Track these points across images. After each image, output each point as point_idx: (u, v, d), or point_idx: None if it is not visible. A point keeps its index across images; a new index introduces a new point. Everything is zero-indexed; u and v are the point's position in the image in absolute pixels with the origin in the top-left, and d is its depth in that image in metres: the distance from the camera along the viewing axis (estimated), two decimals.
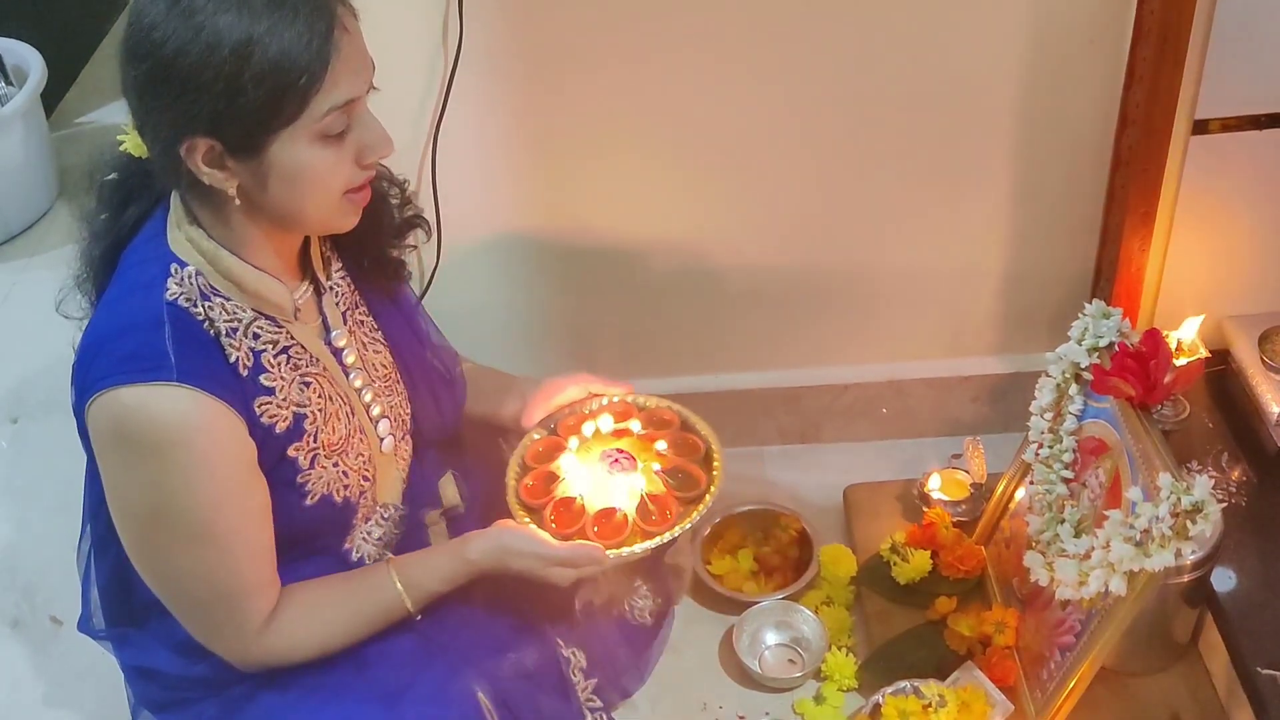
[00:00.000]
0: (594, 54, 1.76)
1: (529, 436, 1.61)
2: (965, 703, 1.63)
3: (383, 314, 1.55)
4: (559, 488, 1.53)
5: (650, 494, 1.50)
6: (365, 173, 1.30)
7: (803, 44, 1.76)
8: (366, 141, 1.28)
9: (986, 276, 2.01)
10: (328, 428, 1.40)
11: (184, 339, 1.27)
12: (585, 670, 1.59)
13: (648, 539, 1.46)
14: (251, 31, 1.16)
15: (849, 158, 1.87)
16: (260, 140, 1.21)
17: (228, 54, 1.16)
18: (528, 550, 1.44)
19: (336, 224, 1.34)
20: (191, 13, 1.16)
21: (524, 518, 1.50)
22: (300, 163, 1.23)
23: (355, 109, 1.26)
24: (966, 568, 1.82)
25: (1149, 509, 1.41)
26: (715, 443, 1.58)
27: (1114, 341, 1.59)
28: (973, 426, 2.10)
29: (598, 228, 1.94)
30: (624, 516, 1.48)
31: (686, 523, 1.48)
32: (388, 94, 1.31)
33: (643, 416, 1.62)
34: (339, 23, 1.21)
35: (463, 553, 1.45)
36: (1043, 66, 1.77)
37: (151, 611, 1.47)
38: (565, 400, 1.64)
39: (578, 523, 1.48)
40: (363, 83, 1.25)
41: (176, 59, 1.17)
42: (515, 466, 1.57)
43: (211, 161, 1.23)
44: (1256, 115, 1.78)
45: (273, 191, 1.25)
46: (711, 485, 1.52)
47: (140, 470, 1.27)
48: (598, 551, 1.44)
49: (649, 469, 1.53)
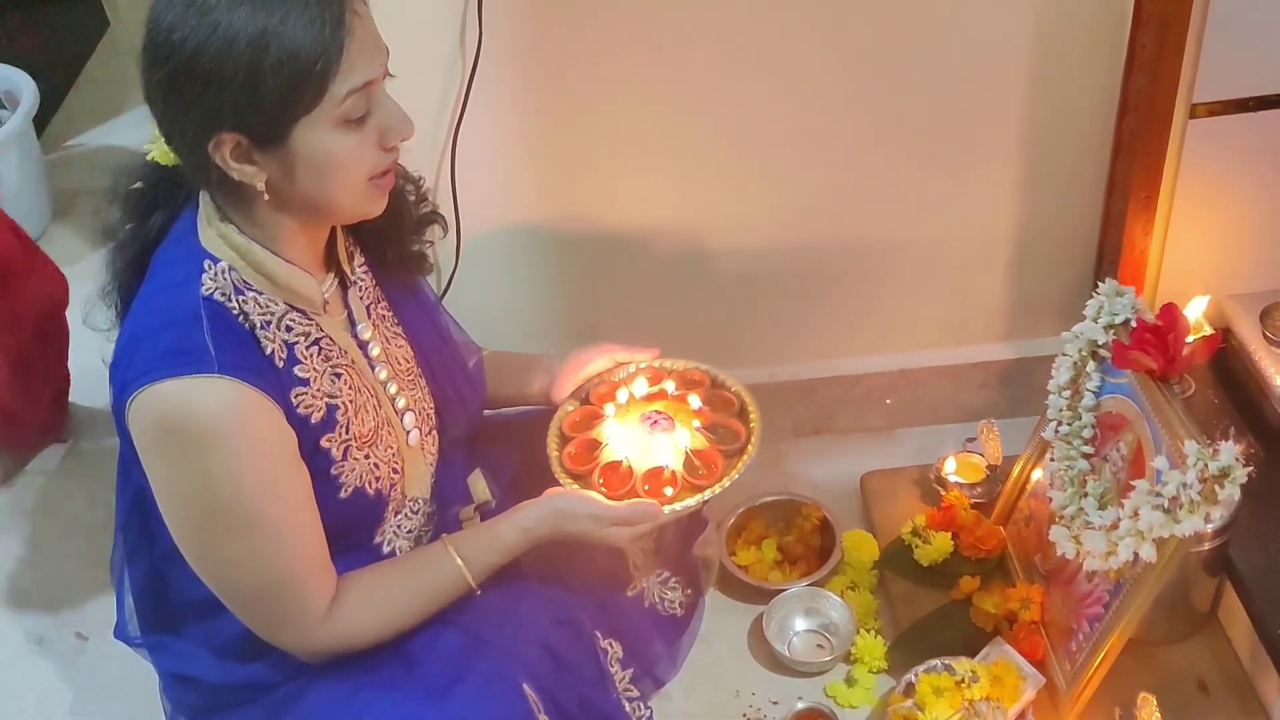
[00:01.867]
0: (611, 52, 1.79)
1: (563, 408, 1.61)
2: (997, 677, 1.66)
3: (404, 308, 1.57)
4: (603, 453, 1.53)
5: (694, 450, 1.52)
6: (389, 156, 1.32)
7: (812, 41, 1.80)
8: (388, 123, 1.30)
9: (993, 264, 2.05)
10: (358, 419, 1.41)
11: (221, 332, 1.28)
12: (622, 661, 1.61)
13: (698, 492, 1.48)
14: (266, 23, 1.19)
15: (858, 151, 1.91)
16: (284, 129, 1.23)
17: (245, 46, 1.19)
18: (583, 512, 1.45)
19: (364, 209, 1.35)
20: (206, 10, 1.19)
21: (571, 484, 1.50)
22: (325, 149, 1.26)
23: (373, 91, 1.27)
24: (987, 547, 1.86)
25: (1176, 476, 1.45)
26: (748, 397, 1.61)
27: (1129, 318, 1.63)
28: (982, 412, 2.14)
29: (615, 225, 1.97)
30: (672, 473, 1.49)
31: (735, 473, 1.49)
32: (407, 93, 1.33)
33: (674, 378, 1.63)
34: (349, 7, 1.23)
35: (517, 521, 1.47)
36: (1045, 54, 1.81)
37: (189, 617, 1.48)
38: (593, 371, 1.65)
39: (627, 483, 1.49)
40: (378, 65, 1.28)
41: (197, 56, 1.19)
42: (555, 438, 1.57)
43: (239, 156, 1.25)
44: (1252, 98, 1.83)
45: (301, 181, 1.27)
46: (752, 436, 1.54)
47: (187, 463, 1.28)
48: (653, 508, 1.46)
49: (689, 425, 1.54)
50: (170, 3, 1.21)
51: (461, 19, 1.73)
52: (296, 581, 1.36)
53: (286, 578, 1.35)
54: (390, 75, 1.30)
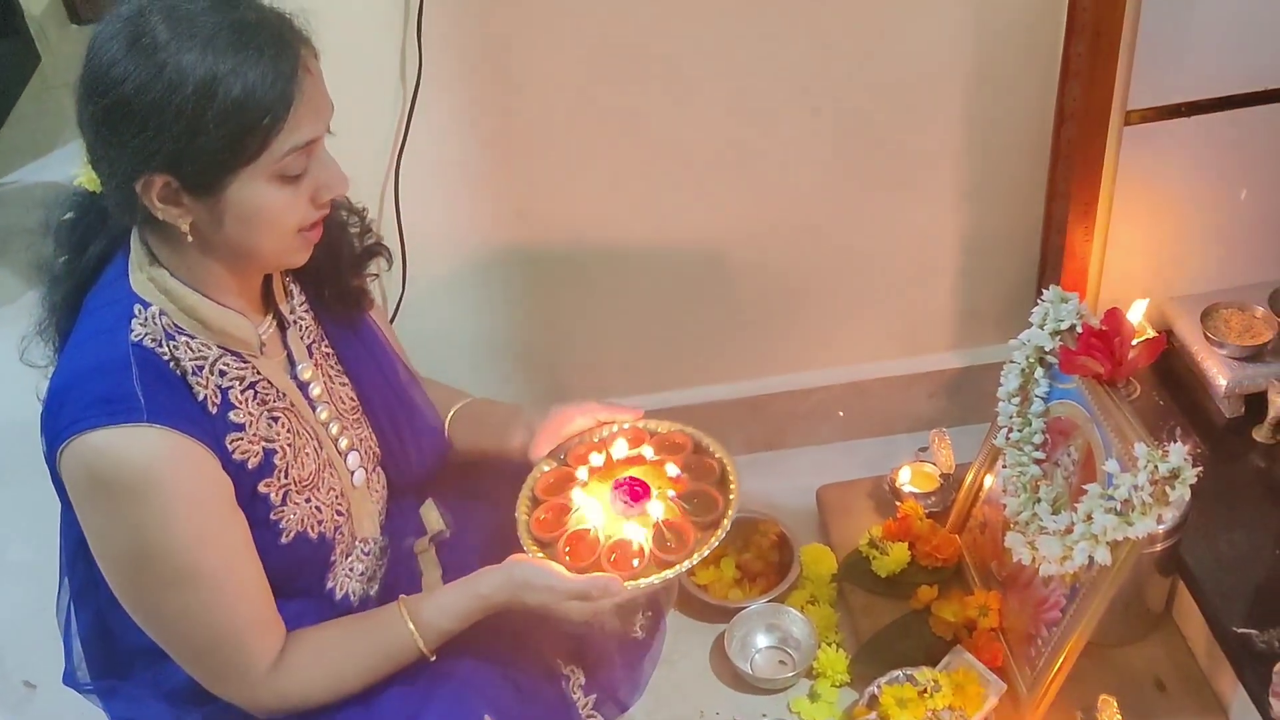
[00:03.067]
0: (553, 77, 1.79)
1: (538, 468, 1.56)
2: (959, 685, 1.67)
3: (345, 346, 1.53)
4: (572, 520, 1.48)
5: (666, 520, 1.46)
6: (320, 211, 1.30)
7: (754, 60, 1.81)
8: (323, 181, 1.27)
9: (938, 274, 2.07)
10: (297, 463, 1.38)
11: (152, 379, 1.25)
12: (584, 687, 1.59)
13: (665, 568, 1.41)
14: (216, 70, 1.16)
15: (801, 167, 1.93)
16: (219, 179, 1.20)
17: (190, 92, 1.15)
18: (542, 583, 1.40)
19: (289, 260, 1.33)
20: (154, 50, 1.16)
21: (537, 552, 1.45)
22: (257, 202, 1.23)
23: (314, 149, 1.25)
24: (944, 556, 1.87)
25: (1128, 479, 1.46)
26: (730, 463, 1.54)
27: (1074, 324, 1.65)
28: (933, 421, 2.16)
29: (562, 249, 1.97)
30: (640, 546, 1.44)
31: (705, 549, 1.43)
32: (349, 125, 1.31)
33: (655, 442, 1.57)
34: (302, 63, 1.21)
35: (475, 589, 1.42)
36: (982, 66, 1.84)
37: (138, 661, 1.44)
38: (574, 430, 1.59)
39: (593, 554, 1.44)
40: (323, 124, 1.25)
41: (137, 96, 1.16)
42: (526, 500, 1.52)
43: (167, 198, 1.22)
44: (1185, 103, 1.87)
45: (227, 229, 1.24)
46: (729, 508, 1.48)
47: (120, 515, 1.24)
48: (614, 583, 1.40)
49: (664, 495, 1.49)
50: (114, 35, 1.17)
51: (401, 47, 1.72)
52: (237, 634, 1.32)
53: (226, 630, 1.31)
54: (331, 133, 1.28)
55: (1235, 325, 1.98)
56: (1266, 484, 1.86)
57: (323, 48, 1.26)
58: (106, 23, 1.19)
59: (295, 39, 1.22)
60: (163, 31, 1.16)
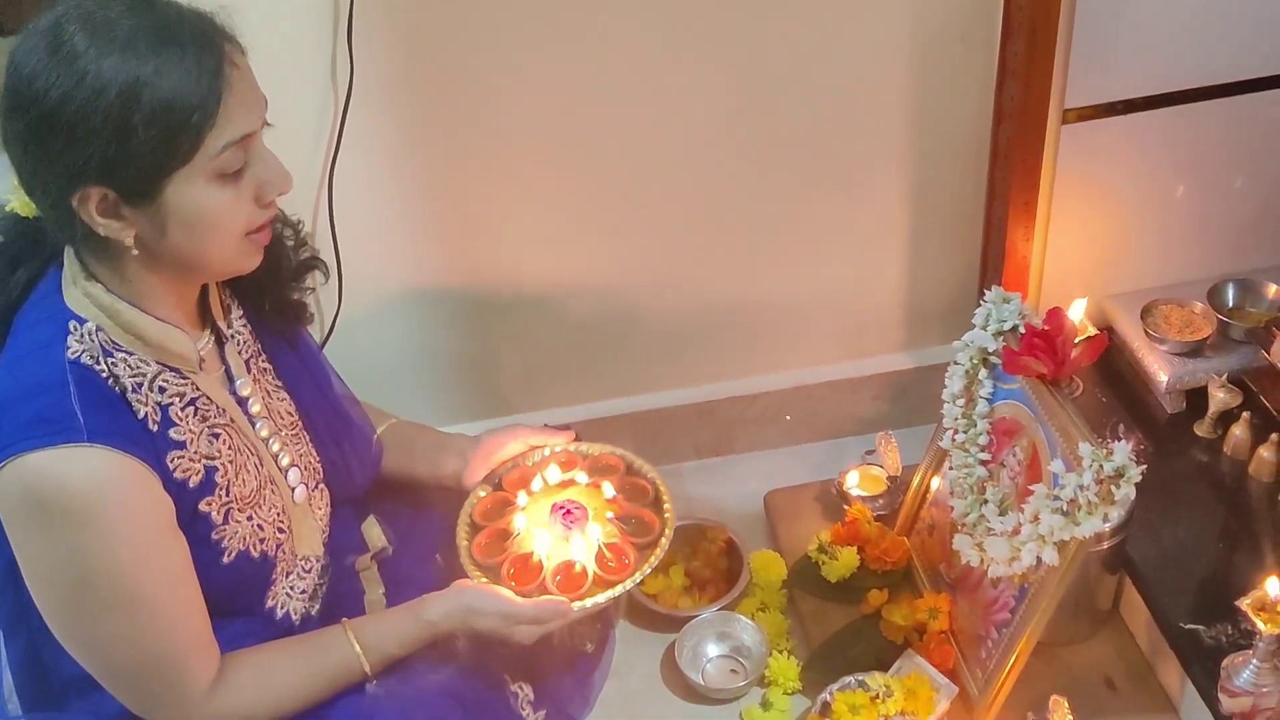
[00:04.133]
0: (486, 87, 1.77)
1: (474, 494, 1.58)
2: (911, 690, 1.67)
3: (283, 361, 1.51)
4: (514, 544, 1.50)
5: (606, 543, 1.49)
6: (266, 211, 1.27)
7: (693, 62, 1.80)
8: (265, 178, 1.25)
9: (881, 277, 2.07)
10: (238, 480, 1.36)
11: (90, 397, 1.22)
12: (533, 703, 1.57)
13: (609, 588, 1.44)
14: (139, 73, 1.13)
15: (742, 175, 1.92)
16: (155, 184, 1.18)
17: (115, 97, 1.13)
18: (493, 609, 1.41)
19: (239, 265, 1.30)
20: (73, 58, 1.13)
21: (480, 577, 1.46)
22: (198, 204, 1.20)
23: (251, 145, 1.23)
24: (893, 559, 1.86)
25: (1073, 479, 1.46)
26: (662, 484, 1.58)
27: (1017, 324, 1.65)
28: (878, 423, 2.15)
29: (500, 259, 1.94)
30: (583, 568, 1.47)
31: (646, 567, 1.47)
32: (278, 135, 1.28)
33: (587, 465, 1.60)
34: (227, 58, 1.19)
35: (421, 614, 1.41)
36: (920, 68, 1.84)
37: (71, 692, 1.40)
38: (507, 455, 1.62)
39: (537, 578, 1.46)
40: (256, 118, 1.23)
41: (61, 107, 1.13)
42: (465, 526, 1.54)
43: (106, 211, 1.19)
44: (1121, 101, 1.88)
45: (172, 237, 1.22)
46: (665, 528, 1.52)
47: (58, 538, 1.21)
48: (563, 605, 1.42)
49: (602, 517, 1.52)
50: (33, 48, 1.15)
51: (331, 57, 1.69)
52: (173, 659, 1.29)
53: (163, 655, 1.28)
54: (269, 125, 1.25)
55: (1175, 321, 1.99)
56: (1209, 478, 1.87)
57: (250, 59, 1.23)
58: (24, 37, 1.16)
59: (217, 34, 1.20)
60: (81, 40, 1.13)
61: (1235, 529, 1.79)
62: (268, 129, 1.25)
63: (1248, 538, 1.77)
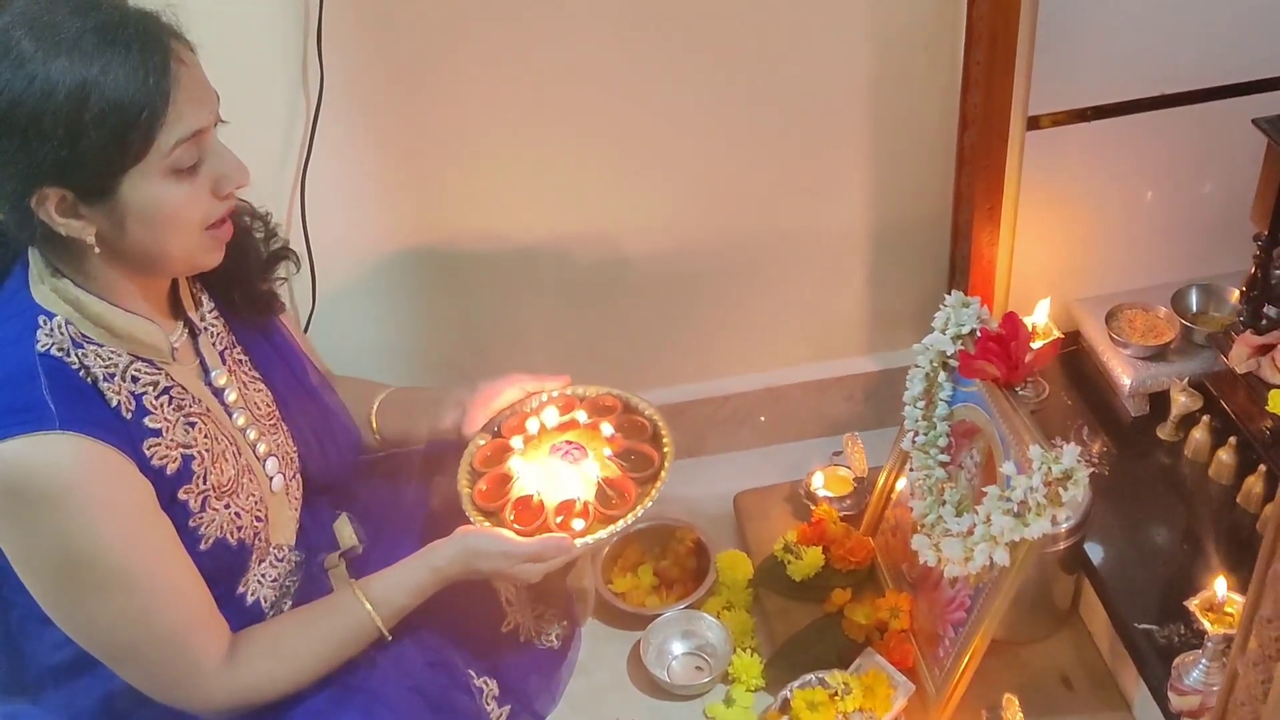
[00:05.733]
0: (456, 77, 1.78)
1: (474, 443, 1.59)
2: (869, 687, 1.69)
3: (257, 351, 1.53)
4: (514, 487, 1.52)
5: (606, 478, 1.51)
6: (224, 204, 1.30)
7: (661, 67, 1.82)
8: (221, 171, 1.27)
9: (850, 279, 2.09)
10: (216, 469, 1.38)
11: (61, 388, 1.24)
12: (498, 698, 1.60)
13: (611, 523, 1.46)
14: (86, 74, 1.16)
15: (711, 175, 1.94)
16: (110, 182, 1.20)
17: (63, 99, 1.15)
18: (495, 550, 1.43)
19: (201, 261, 1.33)
20: (21, 62, 1.16)
21: (483, 522, 1.48)
22: (155, 200, 1.23)
23: (204, 140, 1.25)
24: (857, 559, 1.89)
25: (1023, 481, 1.48)
26: (661, 420, 1.60)
27: (975, 328, 1.68)
28: (848, 424, 2.18)
29: (472, 255, 1.96)
30: (585, 504, 1.48)
31: (647, 501, 1.49)
32: (251, 134, 1.31)
33: (585, 406, 1.62)
34: (174, 55, 1.21)
35: (429, 561, 1.44)
36: (885, 74, 1.86)
37: (47, 684, 1.43)
38: (504, 403, 1.63)
39: (539, 518, 1.48)
40: (207, 113, 1.25)
41: (12, 110, 1.16)
42: (465, 473, 1.55)
43: (64, 211, 1.22)
44: (1090, 108, 1.91)
45: (132, 234, 1.24)
46: (665, 461, 1.54)
47: (40, 524, 1.23)
48: (565, 541, 1.44)
49: (600, 454, 1.53)
50: None
51: (303, 57, 1.71)
52: (179, 635, 1.31)
53: (168, 631, 1.30)
54: (222, 121, 1.28)
55: (1139, 326, 2.01)
56: (1169, 480, 1.89)
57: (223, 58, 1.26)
58: None
59: (162, 32, 1.22)
60: (28, 44, 1.16)
61: (1194, 530, 1.81)
62: (236, 116, 1.27)
63: (1205, 540, 1.79)
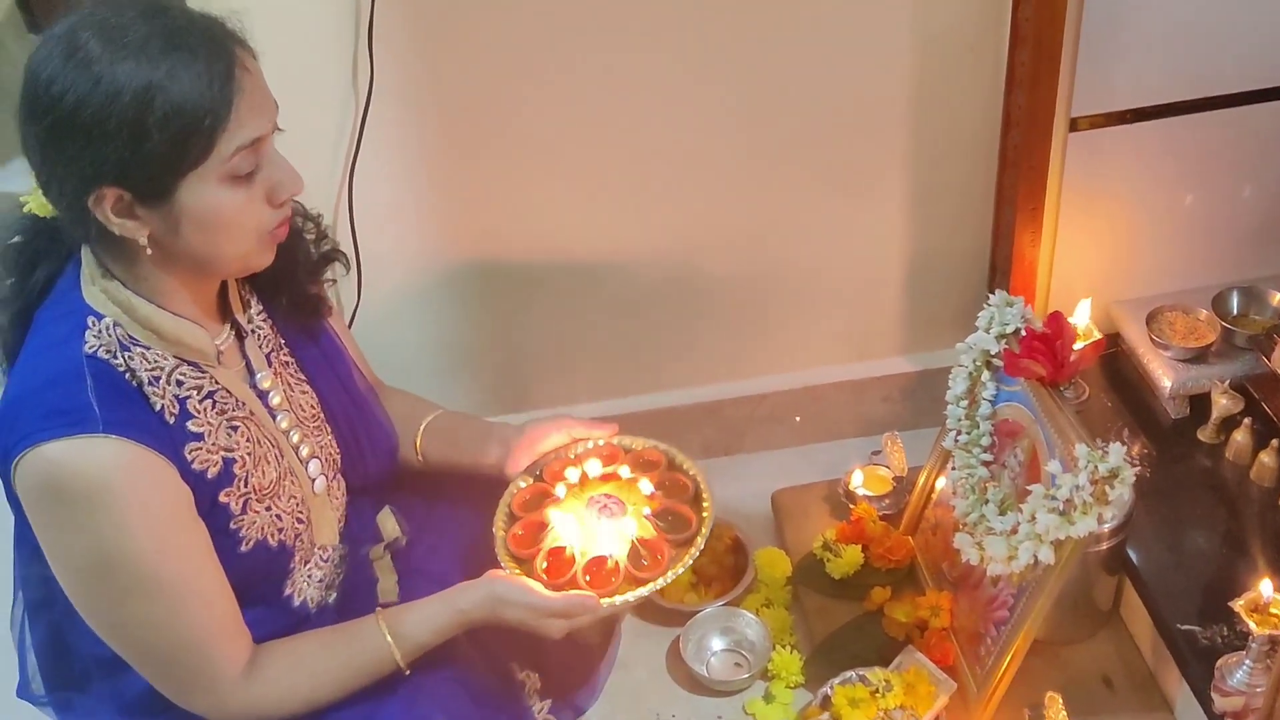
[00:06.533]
0: (504, 83, 1.80)
1: (514, 484, 1.58)
2: (910, 685, 1.69)
3: (304, 354, 1.54)
4: (548, 537, 1.49)
5: (641, 539, 1.48)
6: (279, 212, 1.30)
7: (703, 71, 1.83)
8: (276, 179, 1.28)
9: (890, 280, 2.10)
10: (257, 471, 1.39)
11: (106, 390, 1.25)
12: (540, 692, 1.60)
13: (640, 585, 1.43)
14: (151, 77, 1.17)
15: (754, 175, 1.95)
16: (168, 185, 1.21)
17: (129, 101, 1.16)
18: (522, 601, 1.41)
19: (253, 263, 1.33)
20: (88, 63, 1.17)
21: (514, 569, 1.47)
22: (211, 206, 1.23)
23: (262, 148, 1.26)
24: (896, 558, 1.89)
25: (1069, 479, 1.49)
26: (703, 481, 1.56)
27: (1019, 327, 1.68)
28: (886, 424, 2.18)
29: (518, 258, 1.98)
30: (615, 564, 1.45)
31: (679, 567, 1.45)
32: (300, 133, 1.32)
33: (629, 459, 1.59)
34: (239, 62, 1.22)
35: (454, 603, 1.43)
36: (929, 74, 1.87)
37: (94, 674, 1.44)
38: (549, 446, 1.61)
39: (568, 572, 1.46)
40: (267, 121, 1.26)
41: (78, 110, 1.17)
42: (502, 516, 1.54)
43: (120, 211, 1.22)
44: (1129, 110, 1.91)
45: (186, 237, 1.25)
46: (702, 526, 1.49)
47: (77, 525, 1.24)
48: (591, 600, 1.42)
49: (639, 513, 1.50)
50: (50, 54, 1.18)
51: (353, 56, 1.73)
52: (202, 644, 1.32)
53: (191, 640, 1.31)
54: (279, 129, 1.29)
55: (1180, 328, 2.01)
56: (1210, 483, 1.89)
57: (273, 57, 1.26)
58: (41, 44, 1.20)
59: (228, 39, 1.23)
60: (95, 45, 1.17)
61: (1235, 532, 1.81)
62: (286, 117, 1.28)
63: (1247, 541, 1.79)
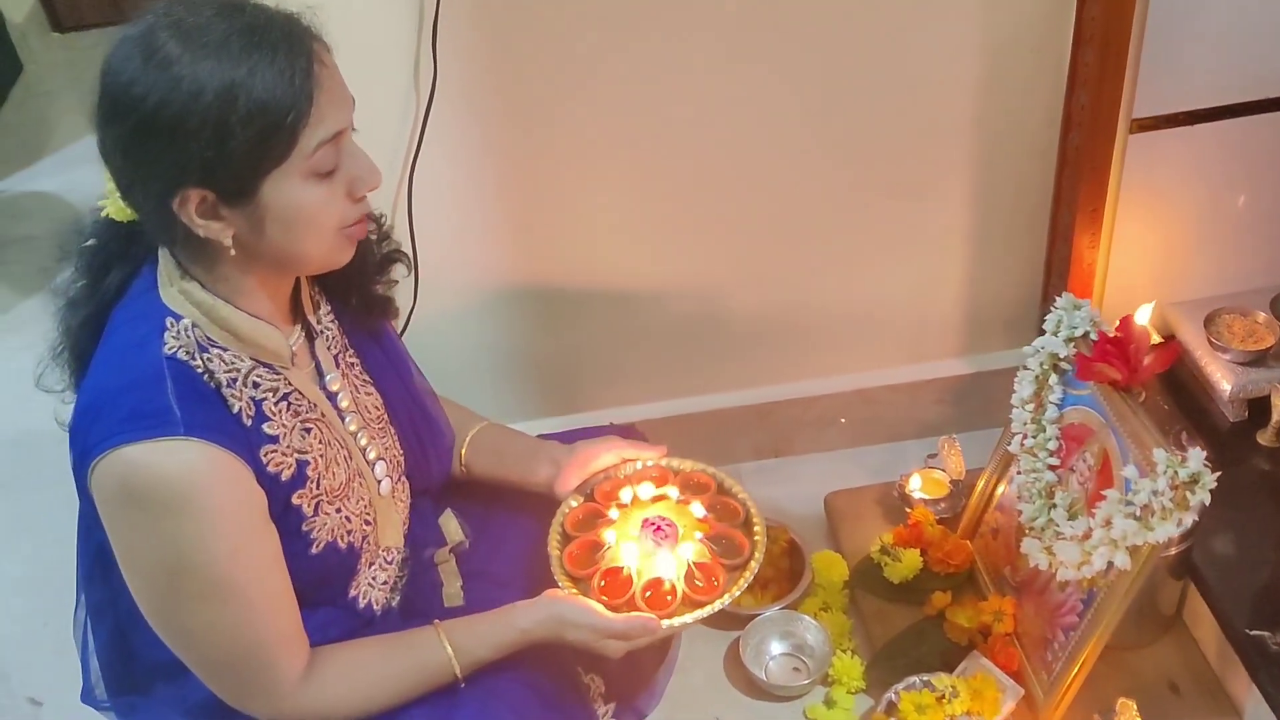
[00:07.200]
0: (566, 87, 1.79)
1: (566, 504, 1.59)
2: (977, 691, 1.68)
3: (368, 355, 1.54)
4: (604, 557, 1.51)
5: (696, 562, 1.49)
6: (358, 207, 1.30)
7: (764, 71, 1.82)
8: (356, 174, 1.27)
9: (944, 282, 2.08)
10: (329, 473, 1.38)
11: (186, 392, 1.24)
12: (604, 695, 1.60)
13: (696, 608, 1.44)
14: (233, 75, 1.16)
15: (811, 176, 1.93)
16: (252, 184, 1.20)
17: (212, 100, 1.15)
18: (584, 622, 1.42)
19: (333, 260, 1.33)
20: (168, 64, 1.15)
21: (572, 588, 1.47)
22: (295, 202, 1.23)
23: (342, 142, 1.25)
24: (956, 562, 1.88)
25: (1147, 484, 1.47)
26: (753, 506, 1.57)
27: (1088, 331, 1.67)
28: (939, 428, 2.17)
29: (572, 260, 1.97)
30: (672, 586, 1.46)
31: (735, 589, 1.46)
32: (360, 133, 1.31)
33: (678, 480, 1.60)
34: (317, 57, 1.21)
35: (514, 621, 1.43)
36: (991, 74, 1.85)
37: (158, 678, 1.43)
38: (599, 466, 1.62)
39: (626, 592, 1.46)
40: (346, 115, 1.25)
41: (160, 111, 1.16)
42: (556, 535, 1.54)
43: (205, 213, 1.22)
44: (1187, 112, 1.89)
45: (270, 235, 1.24)
46: (755, 551, 1.51)
47: (153, 529, 1.23)
48: (653, 623, 1.42)
49: (692, 536, 1.52)
50: (128, 56, 1.17)
51: (415, 56, 1.72)
52: (265, 649, 1.31)
53: (254, 645, 1.30)
54: (354, 129, 1.28)
55: (1238, 330, 2.00)
56: (1271, 487, 1.88)
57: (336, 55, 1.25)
58: (117, 45, 1.19)
59: (305, 35, 1.22)
60: (174, 46, 1.16)
61: None
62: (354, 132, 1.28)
63: None
